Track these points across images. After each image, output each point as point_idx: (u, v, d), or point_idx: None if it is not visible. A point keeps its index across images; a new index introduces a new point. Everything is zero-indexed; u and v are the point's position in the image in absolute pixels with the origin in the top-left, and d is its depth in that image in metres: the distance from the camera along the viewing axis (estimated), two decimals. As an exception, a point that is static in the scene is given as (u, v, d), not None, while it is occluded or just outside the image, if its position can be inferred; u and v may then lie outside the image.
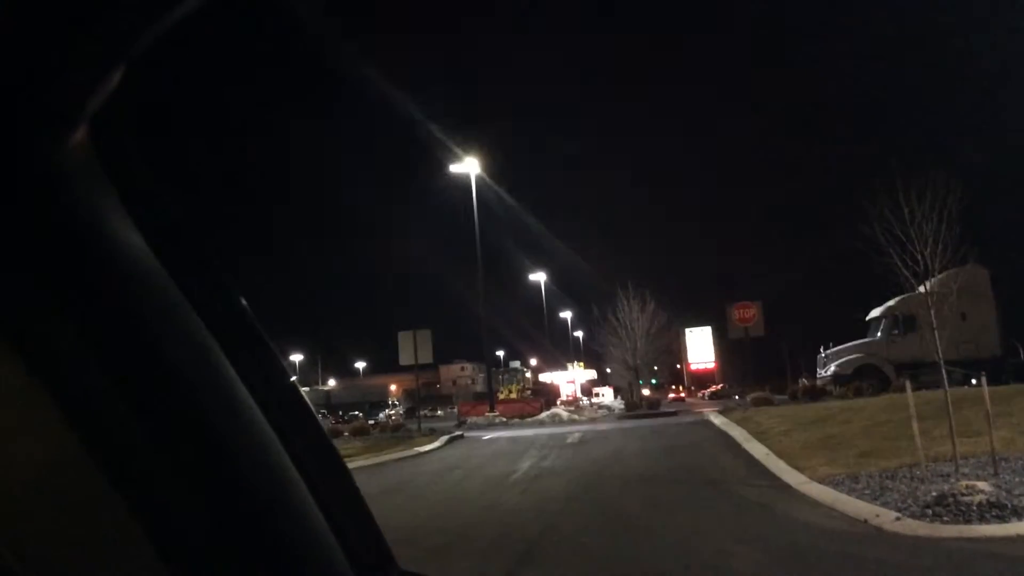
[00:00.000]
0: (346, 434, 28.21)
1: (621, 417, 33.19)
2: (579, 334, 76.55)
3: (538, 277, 63.64)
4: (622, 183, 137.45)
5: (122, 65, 0.81)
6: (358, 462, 16.64)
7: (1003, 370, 22.11)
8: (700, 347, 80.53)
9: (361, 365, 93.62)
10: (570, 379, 63.60)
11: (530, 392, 52.73)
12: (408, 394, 69.84)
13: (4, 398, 0.82)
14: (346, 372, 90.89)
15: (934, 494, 7.80)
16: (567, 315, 77.07)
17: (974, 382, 15.62)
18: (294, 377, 1.09)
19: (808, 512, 8.51)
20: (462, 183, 35.73)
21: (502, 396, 46.66)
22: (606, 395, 62.81)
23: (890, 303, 25.29)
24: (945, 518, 7.22)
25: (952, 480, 8.48)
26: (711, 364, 79.62)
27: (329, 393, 73.46)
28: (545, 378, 66.91)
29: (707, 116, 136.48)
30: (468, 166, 35.42)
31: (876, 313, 27.56)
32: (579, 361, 70.92)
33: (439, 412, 62.83)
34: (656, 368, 59.20)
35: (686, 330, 77.18)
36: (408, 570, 1.16)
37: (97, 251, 0.86)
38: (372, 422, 37.45)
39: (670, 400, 56.64)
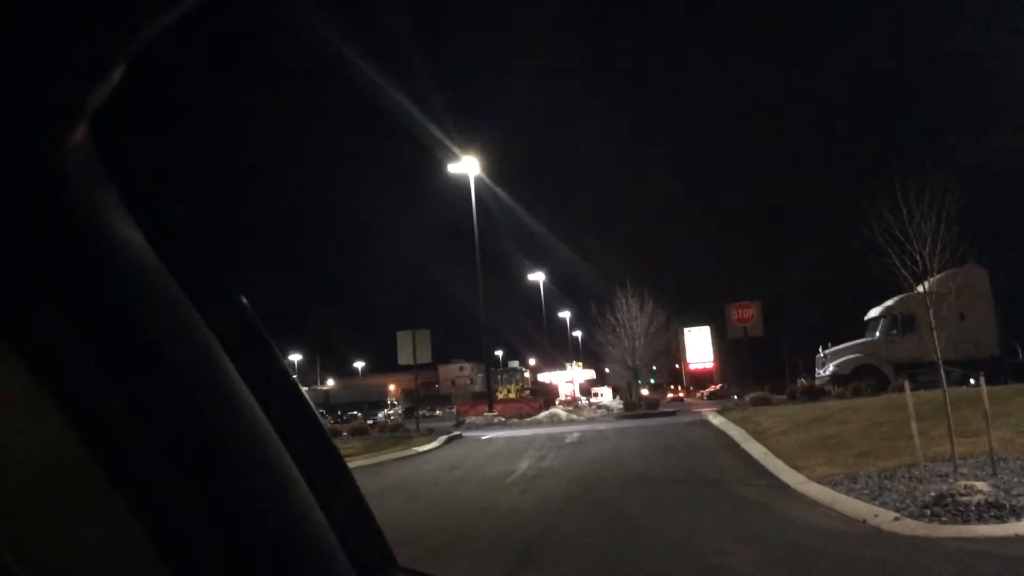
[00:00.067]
0: (345, 434, 28.20)
1: (620, 417, 33.18)
2: (578, 334, 76.79)
3: (537, 277, 63.73)
4: (621, 182, 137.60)
5: (122, 63, 0.80)
6: (357, 462, 16.64)
7: (1002, 370, 22.15)
8: (699, 347, 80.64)
9: (360, 365, 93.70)
10: (569, 379, 63.66)
11: (529, 392, 52.75)
12: (407, 394, 69.84)
13: (4, 398, 0.82)
14: (345, 372, 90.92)
15: (933, 494, 7.81)
16: (566, 315, 77.23)
17: (972, 382, 15.65)
18: (294, 376, 1.09)
19: (807, 512, 8.52)
20: (461, 183, 35.76)
21: (501, 396, 46.71)
22: (605, 395, 62.88)
23: (889, 303, 25.33)
24: (944, 518, 7.23)
25: (951, 480, 8.50)
26: (710, 364, 79.70)
27: (328, 393, 73.35)
28: (544, 378, 66.94)
29: (707, 116, 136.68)
30: (467, 166, 35.39)
31: (875, 313, 27.59)
32: (578, 361, 71.01)
33: (438, 412, 62.78)
34: (655, 368, 59.28)
35: (685, 330, 77.29)
36: (409, 568, 1.17)
37: (97, 250, 0.86)
38: (371, 422, 37.39)
39: (669, 400, 56.61)
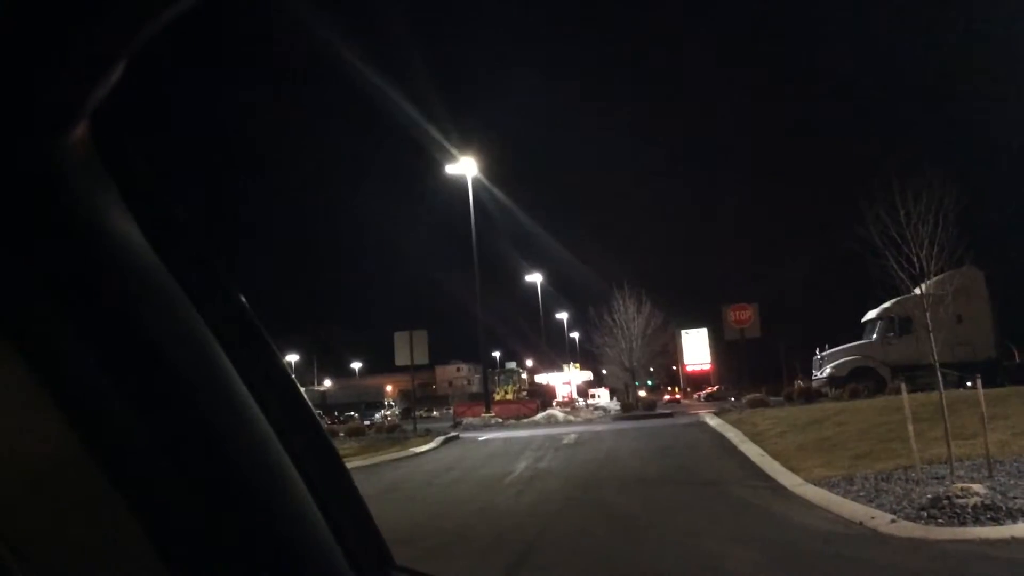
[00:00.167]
0: (342, 435, 28.19)
1: (617, 418, 33.19)
2: (575, 335, 76.75)
3: (534, 278, 63.71)
4: (620, 183, 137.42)
5: (122, 62, 0.80)
6: (354, 463, 16.61)
7: (998, 372, 22.16)
8: (696, 349, 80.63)
9: (357, 365, 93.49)
10: (566, 380, 63.63)
11: (526, 393, 52.63)
12: (404, 395, 69.77)
13: (4, 398, 0.81)
14: (342, 372, 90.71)
15: (929, 496, 7.82)
16: (563, 316, 77.21)
17: (969, 384, 15.69)
18: (292, 375, 1.09)
19: (804, 514, 8.53)
20: (459, 184, 35.74)
21: (498, 397, 46.61)
22: (602, 396, 62.78)
23: (886, 305, 25.33)
24: (940, 520, 7.24)
25: (947, 482, 8.51)
26: (707, 366, 79.71)
27: (325, 393, 73.27)
28: (541, 379, 66.82)
29: (705, 116, 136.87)
30: (465, 167, 35.35)
31: (872, 315, 27.60)
32: (575, 362, 70.96)
33: (435, 413, 62.76)
34: (652, 369, 59.23)
35: (682, 331, 77.19)
36: (407, 567, 1.16)
37: (97, 249, 0.86)
38: (368, 423, 37.36)
39: (666, 402, 56.58)
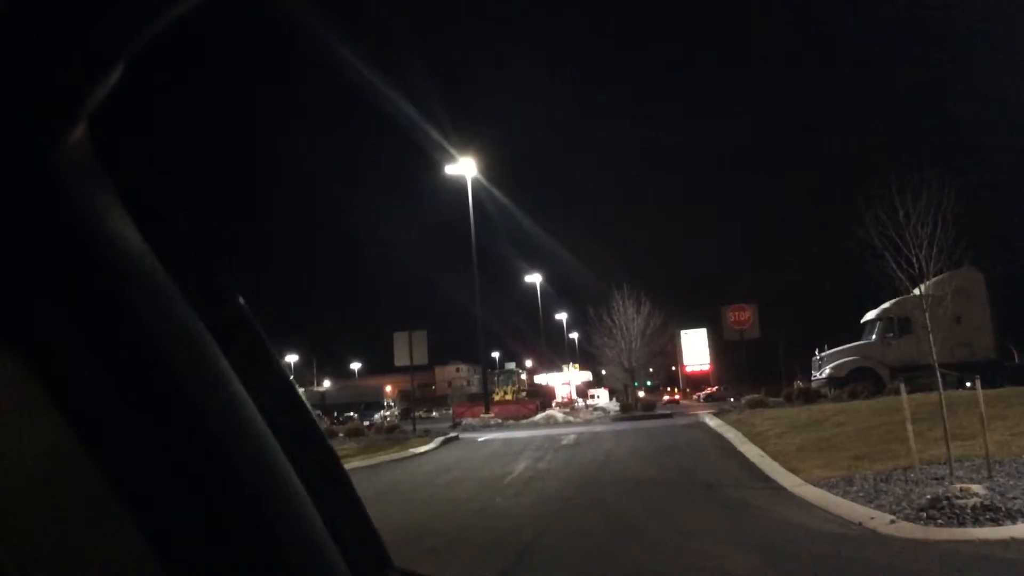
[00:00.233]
0: (341, 435, 28.15)
1: (616, 419, 33.18)
2: (575, 336, 76.76)
3: (534, 278, 63.73)
4: (620, 184, 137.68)
5: (120, 63, 0.80)
6: (353, 463, 16.61)
7: (997, 373, 22.18)
8: (695, 349, 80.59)
9: (356, 366, 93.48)
10: (565, 381, 63.59)
11: (525, 394, 52.60)
12: (403, 395, 69.73)
13: (4, 398, 0.81)
14: (341, 373, 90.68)
15: (928, 497, 7.82)
16: (563, 317, 77.23)
17: (968, 385, 15.71)
18: (291, 377, 1.09)
19: (803, 514, 8.53)
20: (459, 184, 35.76)
21: (497, 398, 46.60)
22: (601, 397, 62.74)
23: (885, 306, 25.36)
24: (939, 521, 7.24)
25: (946, 483, 8.52)
26: (706, 366, 79.67)
27: (324, 394, 73.18)
28: (540, 380, 66.78)
29: (705, 117, 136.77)
30: (464, 167, 35.37)
31: (871, 316, 27.63)
32: (574, 363, 70.95)
33: (434, 413, 62.75)
34: (651, 370, 59.27)
35: (681, 332, 77.16)
36: (405, 569, 1.17)
37: (95, 250, 0.86)
38: (367, 423, 37.30)
39: (665, 402, 56.53)
